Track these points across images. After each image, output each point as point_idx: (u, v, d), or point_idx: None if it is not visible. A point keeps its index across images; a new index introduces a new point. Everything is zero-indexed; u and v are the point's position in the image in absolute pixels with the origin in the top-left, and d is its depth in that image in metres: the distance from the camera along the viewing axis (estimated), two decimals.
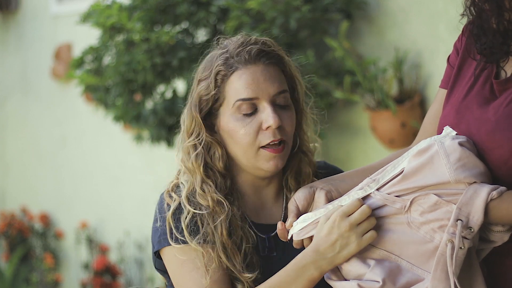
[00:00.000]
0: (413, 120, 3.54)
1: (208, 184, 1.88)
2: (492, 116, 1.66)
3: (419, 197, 1.64)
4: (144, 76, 3.55)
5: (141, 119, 3.75)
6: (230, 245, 1.83)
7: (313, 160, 1.99)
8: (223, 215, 1.85)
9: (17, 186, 6.58)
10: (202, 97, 1.90)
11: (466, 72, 1.79)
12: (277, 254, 1.89)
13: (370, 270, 1.67)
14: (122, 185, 5.57)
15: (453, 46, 1.86)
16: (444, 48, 3.44)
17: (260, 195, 1.96)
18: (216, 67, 1.89)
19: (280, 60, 1.91)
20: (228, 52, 1.89)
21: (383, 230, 1.69)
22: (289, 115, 1.89)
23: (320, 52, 3.76)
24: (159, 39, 3.45)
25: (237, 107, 1.86)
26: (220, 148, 1.91)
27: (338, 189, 1.78)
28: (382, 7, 3.72)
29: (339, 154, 3.94)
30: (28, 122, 6.39)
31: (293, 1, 3.45)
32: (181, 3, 3.55)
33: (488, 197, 1.59)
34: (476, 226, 1.59)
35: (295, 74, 1.95)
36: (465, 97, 1.75)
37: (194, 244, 1.82)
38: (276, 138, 1.85)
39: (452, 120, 1.74)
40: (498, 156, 1.64)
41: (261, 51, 1.88)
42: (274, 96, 1.87)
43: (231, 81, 1.87)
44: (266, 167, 1.87)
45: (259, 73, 1.86)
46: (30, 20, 6.23)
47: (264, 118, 1.85)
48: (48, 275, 5.97)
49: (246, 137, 1.86)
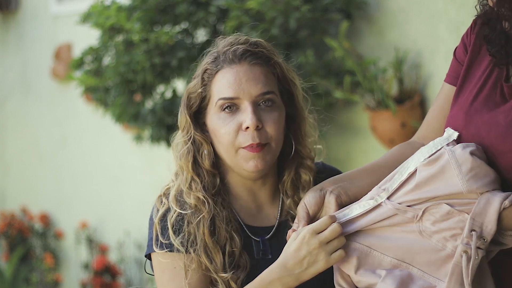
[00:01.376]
0: (413, 120, 3.54)
1: (196, 182, 1.88)
2: (502, 120, 1.65)
3: (431, 206, 1.64)
4: (144, 76, 3.54)
5: (140, 118, 3.75)
6: (211, 245, 1.84)
7: (313, 166, 1.97)
8: (205, 214, 1.85)
9: (17, 186, 6.58)
10: (190, 95, 1.92)
11: (476, 72, 1.77)
12: (272, 257, 1.88)
13: (382, 281, 1.66)
14: (122, 185, 5.57)
15: (461, 40, 1.83)
16: (444, 48, 3.44)
17: (254, 198, 1.95)
18: (204, 65, 1.90)
19: (268, 61, 1.89)
20: (217, 51, 1.90)
21: (394, 239, 1.68)
22: (274, 116, 1.86)
23: (320, 52, 3.75)
24: (158, 40, 3.45)
25: (219, 106, 1.86)
26: (208, 146, 1.91)
27: (348, 192, 1.76)
28: (382, 7, 3.72)
29: (339, 154, 3.94)
30: (28, 122, 6.38)
31: (293, 1, 3.45)
32: (181, 3, 3.55)
33: (501, 207, 1.59)
34: (489, 236, 1.59)
35: (289, 76, 1.93)
36: (475, 99, 1.73)
37: (177, 244, 1.84)
38: (254, 142, 1.83)
39: (461, 122, 1.73)
40: (508, 160, 1.63)
41: (246, 51, 1.87)
42: (257, 97, 1.85)
43: (216, 79, 1.88)
44: (246, 167, 1.86)
45: (242, 73, 1.86)
46: (30, 20, 6.23)
47: (243, 118, 1.84)
48: (48, 275, 5.97)
49: (226, 136, 1.85)
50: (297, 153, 1.95)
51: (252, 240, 1.90)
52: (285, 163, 1.95)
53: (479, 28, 1.78)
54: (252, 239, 1.90)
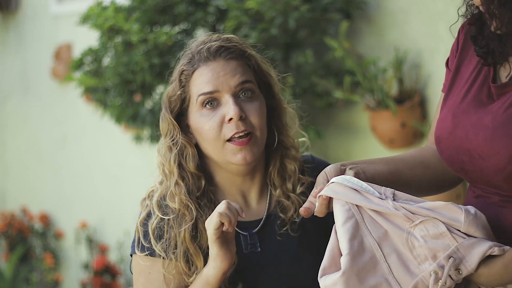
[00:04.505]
0: (413, 120, 3.53)
1: (180, 185, 1.91)
2: (490, 122, 1.65)
3: (429, 220, 1.62)
4: (143, 76, 3.54)
5: (138, 118, 3.75)
6: (192, 249, 1.87)
7: (298, 155, 1.99)
8: (188, 218, 1.88)
9: (17, 186, 6.58)
10: (170, 98, 1.94)
11: (464, 74, 1.78)
12: (261, 250, 1.91)
13: (343, 257, 1.64)
14: (122, 185, 5.56)
15: (450, 51, 1.85)
16: (444, 48, 3.44)
17: (243, 193, 1.97)
18: (180, 67, 1.93)
19: (242, 54, 1.92)
20: (191, 51, 1.93)
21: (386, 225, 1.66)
22: (256, 106, 1.90)
23: (319, 52, 3.75)
24: (157, 40, 3.45)
25: (200, 102, 1.89)
26: (192, 149, 1.93)
27: (365, 172, 1.77)
28: (382, 7, 3.71)
29: (339, 154, 3.93)
30: (28, 122, 6.38)
31: (292, 0, 3.44)
32: (179, 4, 3.55)
33: (489, 250, 1.58)
34: (466, 271, 1.58)
35: (265, 68, 1.96)
36: (462, 100, 1.73)
37: (158, 249, 1.87)
38: (239, 130, 1.86)
39: (449, 124, 1.73)
40: (495, 162, 1.63)
41: (220, 47, 1.90)
42: (236, 87, 1.89)
43: (193, 79, 1.91)
44: (234, 160, 1.88)
45: (219, 67, 1.89)
46: (30, 20, 6.23)
47: (226, 110, 1.87)
48: (48, 275, 5.97)
49: (211, 131, 1.88)
50: (280, 144, 1.97)
51: (240, 235, 1.92)
52: (270, 155, 1.97)
53: (467, 29, 1.78)
54: (240, 234, 1.92)
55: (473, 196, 1.76)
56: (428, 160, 1.86)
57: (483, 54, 1.71)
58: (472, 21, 1.75)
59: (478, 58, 1.73)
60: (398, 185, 1.81)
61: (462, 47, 1.80)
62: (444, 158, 1.78)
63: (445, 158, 1.77)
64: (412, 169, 1.84)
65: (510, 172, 1.62)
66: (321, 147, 3.94)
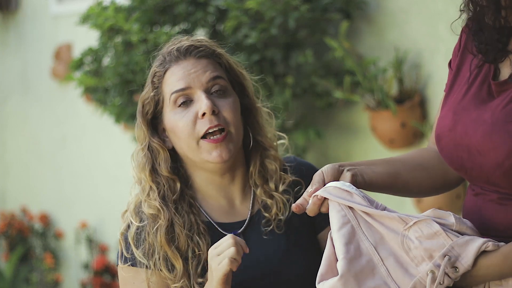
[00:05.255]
0: (413, 120, 3.53)
1: (153, 190, 1.91)
2: (489, 118, 1.65)
3: (423, 221, 1.63)
4: (143, 76, 3.54)
5: None
6: (169, 252, 1.86)
7: (278, 155, 1.99)
8: (162, 222, 1.87)
9: (17, 186, 6.58)
10: (144, 102, 1.95)
11: (465, 73, 1.78)
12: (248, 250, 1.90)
13: (339, 261, 1.63)
14: (122, 185, 5.55)
15: (452, 51, 1.85)
16: (444, 48, 3.44)
17: (226, 194, 1.96)
18: (152, 69, 1.95)
19: (212, 53, 1.94)
20: (161, 53, 1.95)
21: (381, 228, 1.66)
22: (228, 102, 1.90)
23: (319, 52, 3.75)
24: (157, 40, 3.45)
25: (173, 101, 1.90)
26: (164, 152, 1.93)
27: (364, 175, 1.76)
28: (382, 7, 3.71)
29: (339, 154, 3.93)
30: (28, 122, 6.38)
31: (292, 0, 3.44)
32: (179, 4, 3.55)
33: (482, 246, 1.58)
34: (463, 268, 1.58)
35: (236, 68, 1.97)
36: (463, 98, 1.74)
37: (140, 257, 1.87)
38: (212, 124, 1.86)
39: (449, 122, 1.73)
40: (493, 158, 1.63)
41: (190, 46, 1.93)
42: (207, 83, 1.89)
43: (165, 79, 1.92)
44: (210, 158, 1.87)
45: (190, 65, 1.90)
46: (30, 20, 6.23)
47: (198, 106, 1.87)
48: (48, 275, 5.97)
49: (185, 129, 1.88)
50: (258, 144, 1.97)
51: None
52: (248, 155, 1.98)
53: (469, 26, 1.78)
54: (224, 236, 1.90)
55: (472, 194, 1.76)
56: (427, 161, 1.86)
57: (484, 50, 1.71)
58: (473, 17, 1.75)
59: (479, 57, 1.74)
60: (397, 186, 1.82)
61: (464, 46, 1.80)
62: (444, 156, 1.78)
63: (445, 156, 1.77)
64: (412, 170, 1.84)
65: (509, 167, 1.62)
66: (321, 147, 3.94)
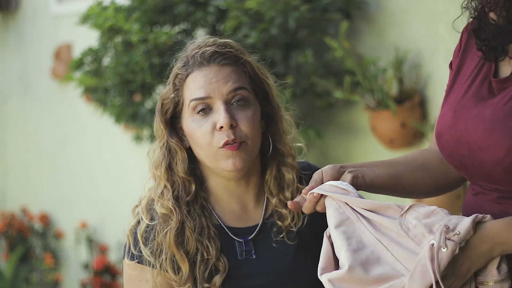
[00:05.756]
0: (413, 120, 3.53)
1: (168, 190, 1.90)
2: (489, 114, 1.66)
3: (417, 204, 1.65)
4: (143, 76, 3.54)
5: (138, 118, 3.75)
6: (177, 255, 1.85)
7: (295, 163, 1.97)
8: (173, 223, 1.86)
9: (17, 186, 6.58)
10: (164, 101, 1.93)
11: (465, 71, 1.78)
12: (256, 257, 1.90)
13: (343, 253, 1.64)
14: (122, 185, 5.56)
15: (453, 52, 1.85)
16: (444, 48, 3.44)
17: (239, 199, 1.95)
18: (175, 70, 1.92)
19: (237, 61, 1.90)
20: (186, 55, 1.92)
21: (377, 223, 1.67)
22: (247, 114, 1.87)
23: (319, 52, 3.75)
24: (157, 40, 3.45)
25: (192, 108, 1.88)
26: (182, 153, 1.91)
27: (365, 177, 1.77)
28: (382, 7, 3.71)
29: (339, 154, 3.93)
30: (28, 122, 6.38)
31: (292, 0, 3.44)
32: (179, 4, 3.55)
33: (476, 218, 1.61)
34: (463, 230, 1.59)
35: (261, 75, 1.94)
36: (463, 96, 1.74)
37: (147, 255, 1.86)
38: (229, 138, 1.84)
39: (449, 120, 1.74)
40: (494, 154, 1.64)
41: (214, 52, 1.88)
42: (228, 94, 1.86)
43: (187, 83, 1.89)
44: (225, 166, 1.86)
45: (212, 74, 1.87)
46: (30, 20, 6.23)
47: (216, 118, 1.85)
48: (48, 275, 5.97)
49: (203, 138, 1.86)
50: (277, 151, 1.95)
51: (235, 242, 1.91)
52: (266, 162, 1.96)
53: (470, 25, 1.78)
54: (235, 240, 1.91)
55: (472, 193, 1.76)
56: (429, 162, 1.87)
57: (484, 48, 1.72)
58: (474, 15, 1.76)
59: (480, 55, 1.74)
60: (398, 188, 1.82)
61: (465, 46, 1.80)
62: (444, 154, 1.78)
63: (446, 154, 1.77)
64: (413, 171, 1.84)
65: (509, 163, 1.62)
66: (321, 147, 3.94)
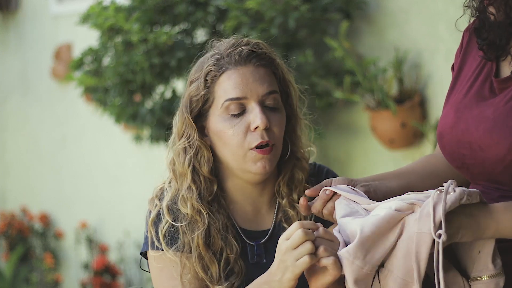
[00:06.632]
0: (413, 120, 3.53)
1: (192, 190, 1.86)
2: (491, 114, 1.66)
3: None
4: (143, 76, 3.54)
5: (138, 118, 3.75)
6: (207, 256, 1.83)
7: (307, 166, 1.96)
8: (200, 224, 1.84)
9: (17, 186, 6.58)
10: (192, 98, 1.89)
11: (467, 72, 1.79)
12: (266, 261, 1.87)
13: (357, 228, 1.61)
14: (122, 185, 5.56)
15: (455, 55, 1.86)
16: (444, 48, 3.44)
17: (253, 202, 1.93)
18: (207, 67, 1.88)
19: (271, 62, 1.89)
20: (219, 53, 1.88)
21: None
22: (279, 117, 1.87)
23: (319, 52, 3.75)
24: (157, 40, 3.45)
25: (226, 107, 1.85)
26: (207, 152, 1.89)
27: (377, 191, 1.77)
28: (382, 7, 3.72)
29: (339, 154, 3.94)
30: (28, 122, 6.38)
31: (292, 0, 3.45)
32: (179, 4, 3.55)
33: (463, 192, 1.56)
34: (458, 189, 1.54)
35: (288, 78, 1.93)
36: (465, 96, 1.75)
37: (171, 254, 1.83)
38: (264, 140, 1.82)
39: (450, 120, 1.74)
40: (495, 153, 1.64)
41: (251, 52, 1.87)
42: (263, 96, 1.85)
43: (220, 81, 1.86)
44: (254, 169, 1.84)
45: (249, 74, 1.85)
46: (30, 20, 6.23)
47: (252, 118, 1.83)
48: (48, 275, 5.97)
49: (235, 138, 1.84)
50: (292, 155, 1.94)
51: (247, 245, 1.90)
52: (282, 165, 1.94)
53: (472, 24, 1.79)
54: (247, 243, 1.89)
55: None
56: (438, 168, 1.87)
57: (485, 47, 1.72)
58: (473, 14, 1.76)
59: (481, 55, 1.74)
60: None
61: (466, 47, 1.81)
62: (445, 154, 1.78)
63: (447, 154, 1.78)
64: (423, 180, 1.84)
65: (510, 162, 1.63)
66: (321, 147, 3.94)
